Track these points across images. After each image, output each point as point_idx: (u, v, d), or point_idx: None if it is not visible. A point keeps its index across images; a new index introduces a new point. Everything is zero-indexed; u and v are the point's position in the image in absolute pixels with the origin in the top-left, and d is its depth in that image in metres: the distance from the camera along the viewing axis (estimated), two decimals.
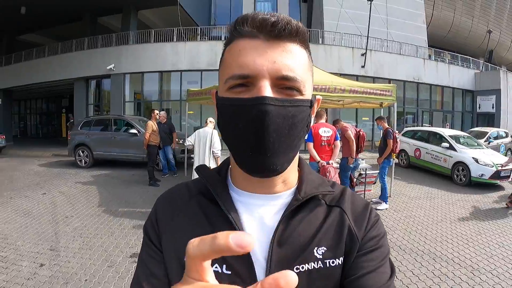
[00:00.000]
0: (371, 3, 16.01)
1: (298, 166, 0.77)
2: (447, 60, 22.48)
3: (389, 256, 0.71)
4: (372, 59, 17.92)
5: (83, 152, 11.68)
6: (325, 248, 0.67)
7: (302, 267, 0.64)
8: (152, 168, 8.95)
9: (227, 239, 0.31)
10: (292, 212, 0.68)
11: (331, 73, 9.70)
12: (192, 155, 9.27)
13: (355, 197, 0.77)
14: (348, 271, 0.66)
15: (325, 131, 5.98)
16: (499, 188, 9.55)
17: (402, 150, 12.67)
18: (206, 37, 19.43)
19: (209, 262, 0.34)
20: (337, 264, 0.66)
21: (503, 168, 8.57)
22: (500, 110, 20.72)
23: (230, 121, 0.62)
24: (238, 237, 0.31)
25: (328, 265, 0.65)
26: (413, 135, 12.55)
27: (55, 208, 6.73)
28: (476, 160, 9.57)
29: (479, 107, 21.95)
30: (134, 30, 18.49)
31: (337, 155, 6.29)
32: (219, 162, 4.40)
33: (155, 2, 18.36)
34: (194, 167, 6.73)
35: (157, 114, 9.33)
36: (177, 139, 10.16)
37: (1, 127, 18.31)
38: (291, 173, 0.72)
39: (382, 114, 8.48)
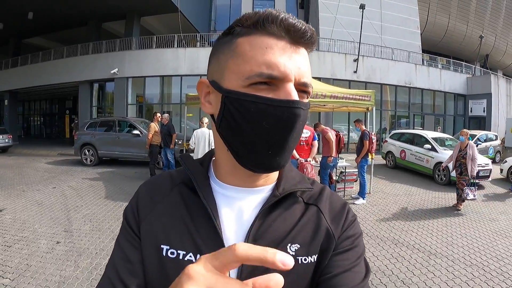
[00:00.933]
0: (363, 11, 16.74)
1: None
2: (439, 65, 23.10)
3: (364, 255, 0.73)
4: (364, 65, 18.66)
5: (88, 151, 12.49)
6: (298, 245, 0.68)
7: None
8: (153, 166, 9.73)
9: (275, 257, 0.35)
10: (270, 207, 0.69)
11: (324, 78, 10.38)
12: (191, 154, 10.06)
13: (334, 197, 0.78)
14: (323, 269, 0.67)
15: (304, 132, 6.75)
16: (479, 187, 10.15)
17: (389, 152, 13.42)
18: (206, 43, 20.25)
19: None
20: (309, 262, 0.67)
21: (442, 167, 9.00)
22: (491, 114, 21.34)
23: (252, 118, 0.61)
24: (283, 256, 0.35)
25: (300, 262, 0.67)
26: (399, 137, 13.28)
27: (66, 199, 7.49)
28: None
29: (471, 111, 22.54)
30: (137, 36, 19.32)
31: (315, 154, 7.03)
32: None
33: (157, 9, 19.18)
34: None
35: (159, 116, 10.07)
36: (176, 140, 10.89)
37: (8, 127, 19.04)
38: None
39: (368, 118, 9.18)
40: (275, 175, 0.74)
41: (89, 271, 4.05)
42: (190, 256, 0.65)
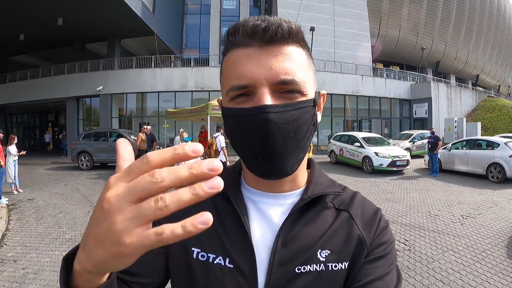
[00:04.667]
0: (312, 33, 19.79)
1: (309, 168, 0.80)
2: (384, 75, 26.44)
3: (396, 263, 0.72)
4: (315, 78, 21.55)
5: (84, 157, 14.99)
6: (329, 252, 0.67)
7: (304, 268, 0.65)
8: None
9: (184, 148, 0.34)
10: (299, 212, 0.70)
11: None
12: None
13: (365, 203, 0.78)
14: (354, 277, 0.67)
15: None
16: (398, 173, 13.26)
17: (332, 151, 16.46)
18: (179, 60, 22.99)
19: None
20: (339, 268, 0.67)
21: None
22: (431, 115, 24.55)
23: (236, 130, 0.64)
24: (192, 146, 0.34)
25: (330, 269, 0.66)
26: (339, 138, 16.42)
27: (79, 191, 10.10)
28: (376, 154, 13.32)
29: (415, 113, 25.89)
30: (118, 56, 22.04)
31: None
32: None
33: (135, 32, 21.97)
34: None
35: (145, 128, 12.76)
36: (157, 146, 13.57)
37: None
38: (300, 174, 0.74)
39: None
40: (302, 180, 0.75)
41: None
42: (220, 260, 0.67)
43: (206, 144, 10.54)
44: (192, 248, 0.69)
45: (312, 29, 19.80)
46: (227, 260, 0.66)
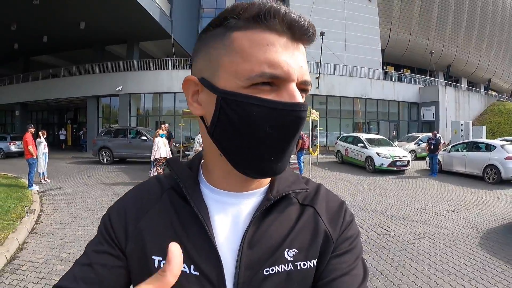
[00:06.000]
0: (322, 38, 20.52)
1: None
2: (394, 78, 26.99)
3: (362, 256, 0.71)
4: (325, 81, 22.54)
5: (105, 152, 16.12)
6: (296, 250, 0.65)
7: (272, 269, 0.63)
8: None
9: None
10: (264, 212, 0.67)
11: None
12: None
13: (330, 196, 0.75)
14: (321, 273, 0.65)
15: None
16: (399, 173, 13.89)
17: (338, 151, 17.23)
18: None
19: None
20: (308, 267, 0.65)
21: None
22: (439, 118, 24.94)
23: (254, 123, 0.57)
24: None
25: (299, 268, 0.64)
26: (345, 139, 17.19)
27: (103, 181, 11.11)
28: (378, 154, 14.05)
29: (423, 116, 26.29)
30: (137, 57, 23.21)
31: None
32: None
33: (153, 35, 23.02)
34: None
35: (162, 126, 13.74)
36: (173, 143, 14.55)
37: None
38: None
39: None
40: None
41: None
42: (184, 267, 0.62)
43: None
44: (153, 257, 0.64)
45: (322, 34, 20.41)
46: (192, 267, 0.62)
